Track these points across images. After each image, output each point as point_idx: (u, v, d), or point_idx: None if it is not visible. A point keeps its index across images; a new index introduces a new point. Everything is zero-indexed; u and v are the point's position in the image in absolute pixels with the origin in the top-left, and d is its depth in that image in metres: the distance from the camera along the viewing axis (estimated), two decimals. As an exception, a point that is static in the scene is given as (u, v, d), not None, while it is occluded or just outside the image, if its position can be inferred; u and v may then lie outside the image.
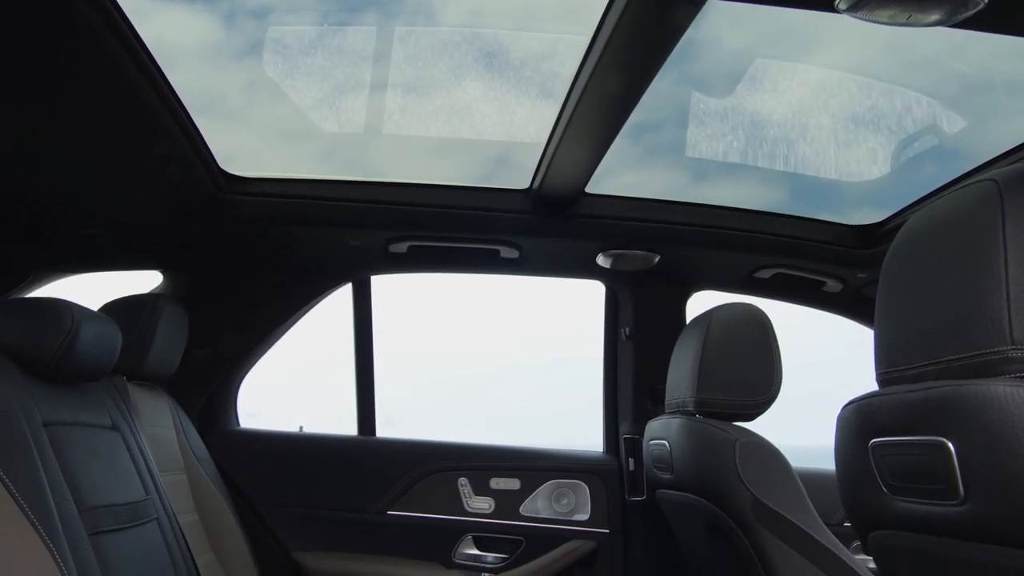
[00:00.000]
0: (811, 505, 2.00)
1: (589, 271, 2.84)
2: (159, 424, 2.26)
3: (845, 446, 1.24)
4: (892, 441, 1.12)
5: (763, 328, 2.16)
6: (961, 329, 1.01)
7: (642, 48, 1.64)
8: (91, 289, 2.85)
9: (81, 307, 1.62)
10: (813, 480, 2.07)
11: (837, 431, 1.27)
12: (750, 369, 2.13)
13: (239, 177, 2.39)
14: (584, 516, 2.80)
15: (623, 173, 2.51)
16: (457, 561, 2.77)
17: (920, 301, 1.11)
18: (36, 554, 1.17)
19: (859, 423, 1.20)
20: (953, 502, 1.00)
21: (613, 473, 2.84)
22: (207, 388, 2.87)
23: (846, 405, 1.25)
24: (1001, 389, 0.93)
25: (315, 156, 2.52)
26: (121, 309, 2.23)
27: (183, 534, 1.92)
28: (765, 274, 2.77)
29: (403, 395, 3.38)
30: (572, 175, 2.27)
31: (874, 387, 1.23)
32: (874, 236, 2.60)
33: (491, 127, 2.40)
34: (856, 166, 2.57)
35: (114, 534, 1.53)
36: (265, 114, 2.37)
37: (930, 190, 2.38)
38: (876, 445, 1.15)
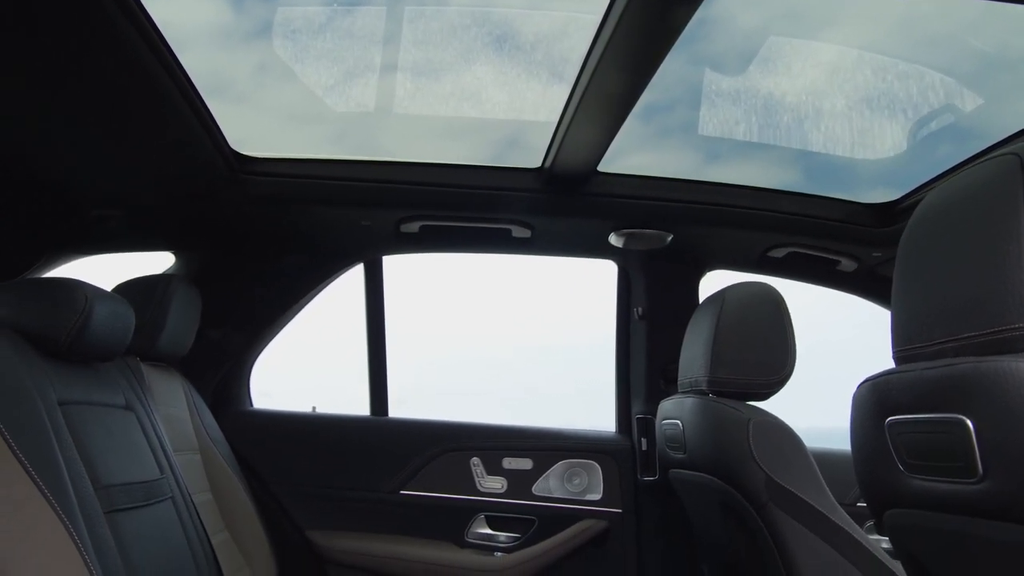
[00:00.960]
0: (825, 485, 2.00)
1: (601, 251, 2.83)
2: (173, 404, 2.27)
3: (861, 424, 1.24)
4: (909, 419, 1.11)
5: (777, 307, 2.15)
6: (980, 305, 1.00)
7: (655, 25, 1.62)
8: (104, 271, 2.87)
9: (94, 287, 1.62)
10: (826, 460, 2.07)
11: (853, 409, 1.27)
12: (764, 348, 2.12)
13: (250, 157, 2.39)
14: (596, 496, 2.80)
15: (634, 154, 2.49)
16: (469, 540, 2.78)
17: (938, 277, 1.09)
18: (53, 532, 1.17)
19: (875, 401, 1.19)
20: (971, 480, 0.99)
21: (625, 453, 2.84)
22: (220, 369, 2.88)
23: (862, 383, 1.24)
24: (1022, 366, 0.92)
25: (326, 139, 2.51)
26: (134, 290, 2.23)
27: (198, 513, 1.93)
28: (779, 253, 2.75)
29: (416, 379, 3.39)
30: (584, 153, 2.25)
31: (882, 368, 1.23)
32: (890, 214, 2.58)
33: (502, 108, 2.40)
34: (871, 145, 2.54)
35: (129, 512, 1.54)
36: (275, 97, 2.37)
37: (947, 168, 2.36)
38: (892, 423, 1.15)
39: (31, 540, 1.15)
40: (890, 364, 1.21)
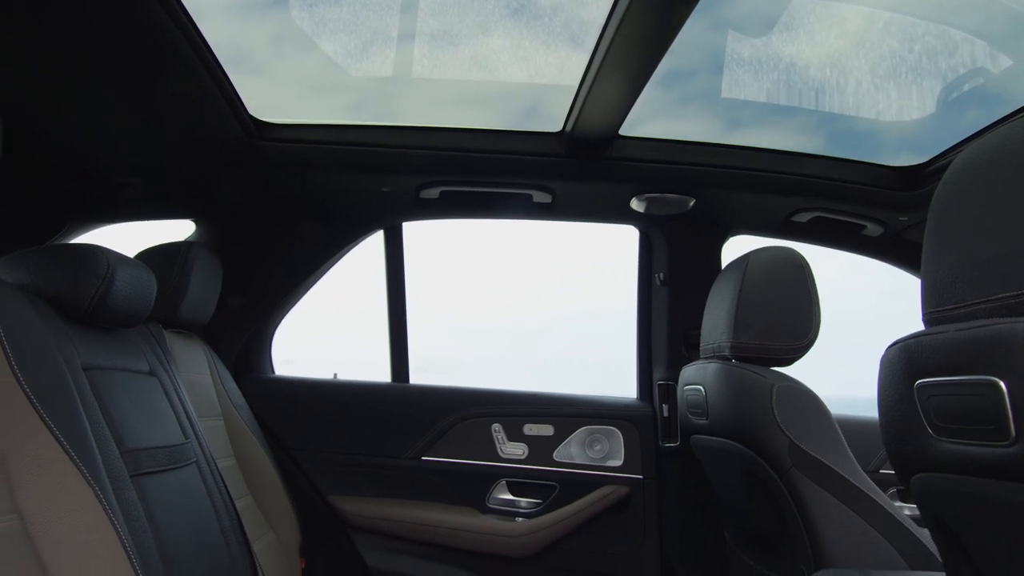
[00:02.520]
0: (849, 451, 1.99)
1: (623, 215, 2.80)
2: (196, 371, 2.29)
3: (889, 387, 1.22)
4: (939, 381, 1.09)
5: (802, 271, 2.13)
6: (1015, 265, 0.97)
7: None
8: (128, 240, 2.89)
9: (115, 252, 1.62)
10: (848, 427, 2.05)
11: (881, 372, 1.24)
12: (788, 313, 2.10)
13: (269, 124, 2.38)
14: (618, 462, 2.81)
15: (655, 122, 2.46)
16: (491, 506, 2.80)
17: (971, 238, 1.07)
18: (80, 493, 1.18)
19: (904, 363, 1.17)
20: (1003, 443, 0.97)
21: (647, 419, 2.83)
22: (241, 336, 2.89)
23: (891, 346, 1.22)
24: None
25: (344, 109, 2.49)
26: (155, 257, 2.24)
27: (222, 478, 1.95)
28: (803, 218, 2.71)
29: (436, 348, 3.39)
30: (606, 116, 2.22)
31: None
32: (917, 177, 2.53)
33: (521, 73, 2.37)
34: (898, 108, 2.49)
35: (155, 476, 1.55)
36: (293, 67, 2.36)
37: (977, 129, 2.31)
38: (922, 386, 1.13)
39: (59, 501, 1.16)
40: (908, 333, 1.19)
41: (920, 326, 1.18)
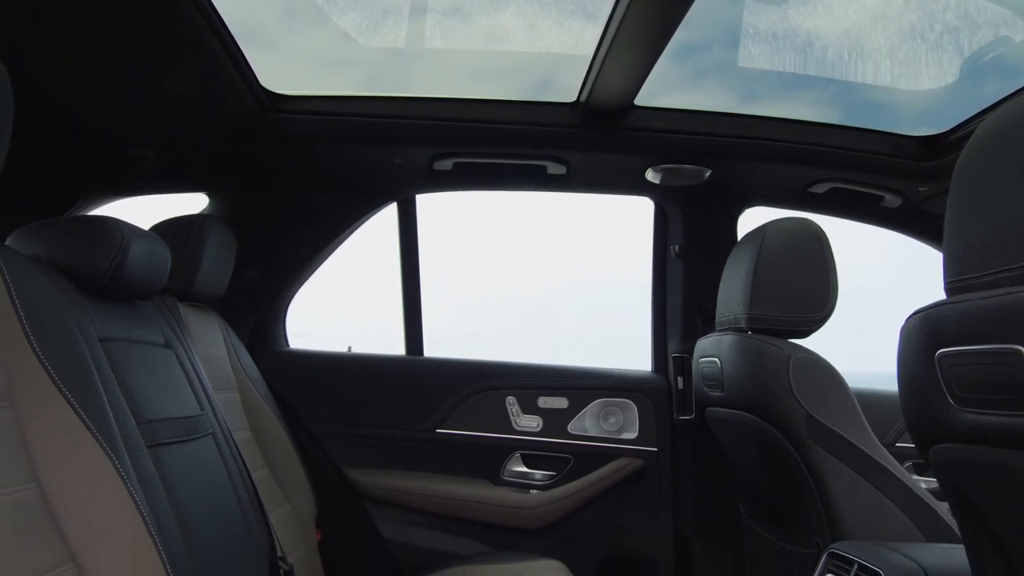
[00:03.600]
0: (866, 423, 1.97)
1: (638, 187, 2.78)
2: (211, 344, 2.29)
3: (909, 357, 1.20)
4: (961, 351, 1.07)
5: (819, 243, 2.11)
6: None
7: None
8: (141, 214, 2.89)
9: (130, 224, 1.62)
10: (865, 399, 2.04)
11: (901, 342, 1.23)
12: (805, 285, 2.08)
13: (282, 96, 2.37)
14: (632, 435, 2.80)
15: (670, 96, 2.43)
16: (505, 478, 2.80)
17: (996, 205, 1.05)
18: (98, 463, 1.19)
19: (926, 333, 1.15)
20: None
21: (662, 392, 2.83)
22: (256, 309, 2.90)
23: (911, 315, 1.20)
24: None
25: (357, 84, 2.48)
26: (169, 229, 2.23)
27: (238, 450, 1.96)
28: (820, 188, 2.68)
29: (450, 324, 3.39)
30: (621, 86, 2.19)
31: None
32: (938, 147, 2.49)
33: (535, 43, 2.34)
34: (917, 77, 2.45)
35: (171, 447, 1.56)
36: (304, 42, 2.34)
37: (999, 99, 2.27)
38: (943, 355, 1.11)
39: (77, 471, 1.16)
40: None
41: (931, 300, 1.17)
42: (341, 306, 3.49)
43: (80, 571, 1.12)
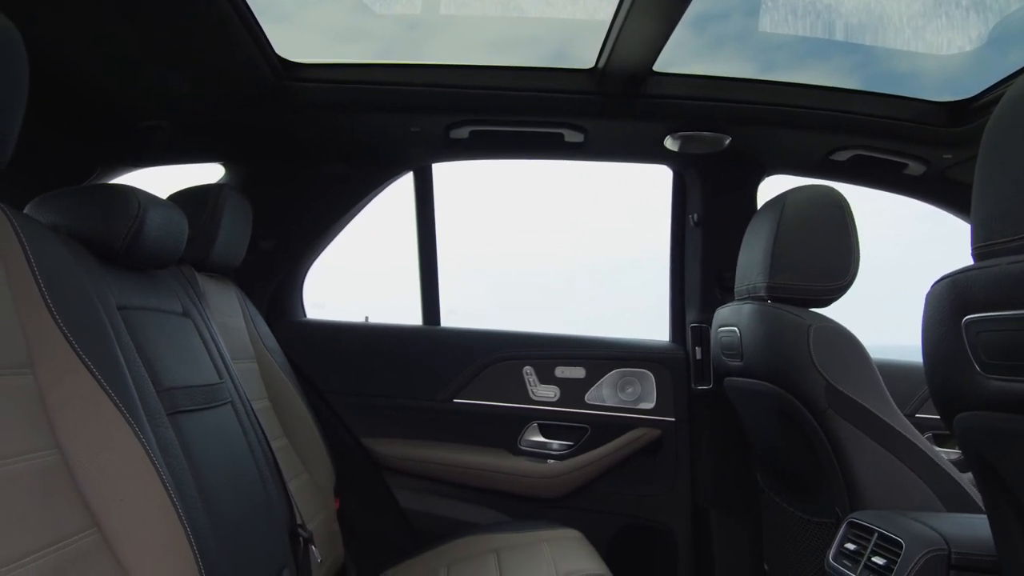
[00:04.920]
0: (887, 392, 1.96)
1: (656, 155, 2.75)
2: (229, 314, 2.29)
3: (935, 324, 1.18)
4: (989, 316, 1.05)
5: (841, 210, 2.08)
6: None
7: None
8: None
9: (146, 193, 1.61)
10: (884, 369, 2.02)
11: (926, 308, 1.21)
12: (826, 253, 2.05)
13: (297, 64, 2.35)
14: (650, 404, 2.80)
15: (688, 65, 2.39)
16: (523, 448, 2.81)
17: None
18: (118, 430, 1.19)
19: (952, 299, 1.13)
20: None
21: (679, 362, 2.82)
22: (273, 280, 2.90)
23: (937, 281, 1.18)
24: None
25: (372, 55, 2.45)
26: (185, 199, 2.23)
27: (257, 419, 1.97)
28: (842, 156, 2.64)
29: (466, 297, 3.38)
30: (639, 51, 2.16)
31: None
32: (964, 113, 2.44)
33: (551, 11, 2.31)
34: (942, 41, 2.40)
35: (191, 415, 1.56)
36: (318, 13, 2.32)
37: (1026, 63, 2.22)
38: (971, 321, 1.09)
39: (97, 437, 1.17)
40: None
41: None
42: (358, 276, 3.49)
43: (103, 536, 1.13)
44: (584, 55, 2.32)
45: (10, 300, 1.15)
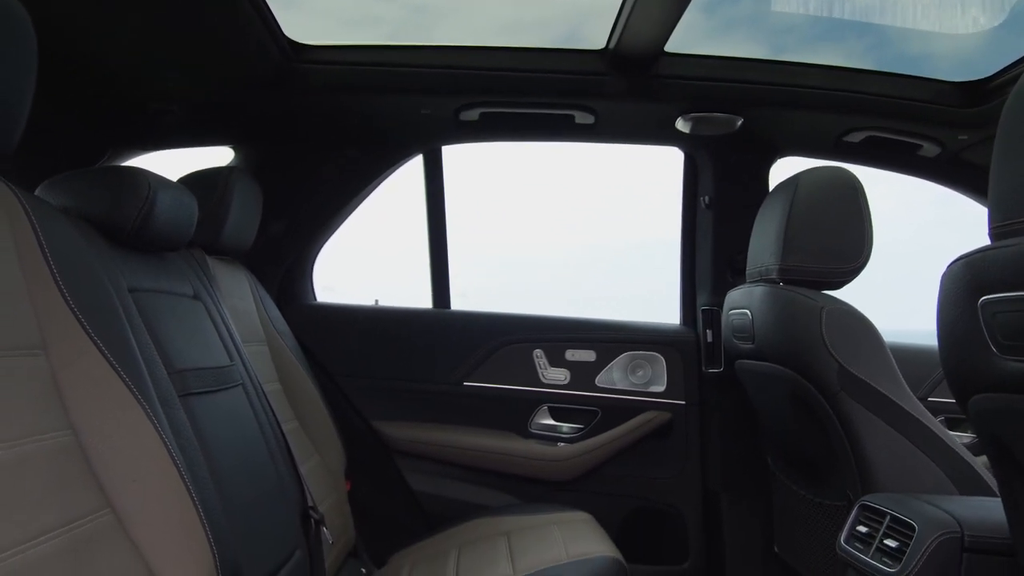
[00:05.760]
0: (900, 375, 1.94)
1: (668, 137, 2.73)
2: (239, 297, 2.29)
3: (951, 305, 1.17)
4: (1006, 297, 1.04)
5: (855, 192, 2.06)
6: None
7: None
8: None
9: (156, 175, 1.61)
10: (896, 353, 2.00)
11: (942, 289, 1.20)
12: (839, 235, 2.04)
13: (306, 46, 2.34)
14: (660, 388, 2.79)
15: (699, 47, 2.37)
16: (533, 431, 2.81)
17: None
18: (131, 412, 1.19)
19: (969, 279, 1.12)
20: None
21: (690, 345, 2.81)
22: (283, 263, 2.90)
23: (953, 261, 1.17)
24: None
25: (381, 37, 2.45)
26: (195, 182, 2.23)
27: (268, 401, 1.97)
28: (856, 137, 2.61)
29: (477, 280, 3.37)
30: (651, 31, 2.14)
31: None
32: (980, 93, 2.41)
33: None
34: (957, 21, 2.37)
35: (202, 397, 1.57)
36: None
37: (1046, 41, 2.19)
38: (987, 302, 1.08)
39: (109, 419, 1.17)
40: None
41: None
42: (368, 259, 3.49)
43: (116, 517, 1.14)
44: (594, 36, 2.30)
45: (22, 281, 1.15)
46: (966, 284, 1.12)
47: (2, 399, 1.03)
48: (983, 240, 1.13)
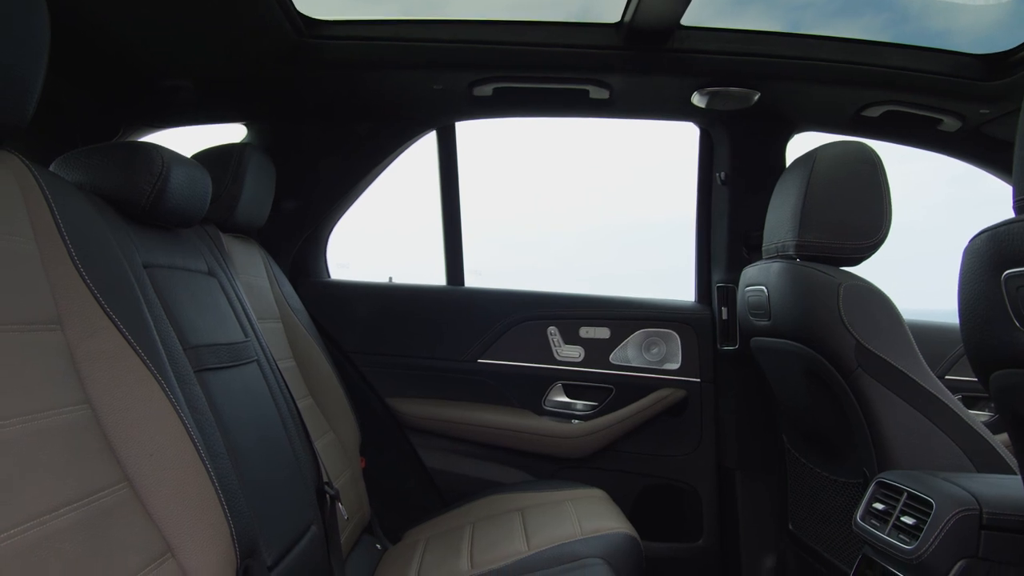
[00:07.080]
0: (918, 352, 1.92)
1: (683, 111, 2.69)
2: (253, 274, 2.30)
3: (973, 279, 1.15)
4: None
5: (873, 167, 2.03)
6: None
7: None
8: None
9: (170, 151, 1.61)
10: (913, 330, 1.98)
11: (964, 263, 1.18)
12: (857, 210, 2.01)
13: (319, 21, 2.32)
14: (675, 365, 2.79)
15: (714, 22, 2.33)
16: (547, 408, 2.81)
17: None
18: (146, 386, 1.20)
19: (992, 253, 1.10)
20: None
21: (705, 322, 2.79)
22: (296, 240, 2.90)
23: (977, 235, 1.15)
24: None
25: (394, 12, 2.42)
26: (209, 159, 2.23)
27: (283, 377, 1.97)
28: (874, 112, 2.57)
29: (491, 257, 3.36)
30: (666, 5, 2.10)
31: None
32: (1003, 65, 2.36)
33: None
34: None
35: (217, 372, 1.57)
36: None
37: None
38: (1011, 276, 1.06)
39: (125, 393, 1.17)
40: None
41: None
42: (382, 236, 3.49)
43: (133, 491, 1.14)
44: (609, 10, 2.27)
45: (37, 257, 1.15)
46: (989, 258, 1.10)
47: (20, 373, 1.03)
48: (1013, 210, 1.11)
